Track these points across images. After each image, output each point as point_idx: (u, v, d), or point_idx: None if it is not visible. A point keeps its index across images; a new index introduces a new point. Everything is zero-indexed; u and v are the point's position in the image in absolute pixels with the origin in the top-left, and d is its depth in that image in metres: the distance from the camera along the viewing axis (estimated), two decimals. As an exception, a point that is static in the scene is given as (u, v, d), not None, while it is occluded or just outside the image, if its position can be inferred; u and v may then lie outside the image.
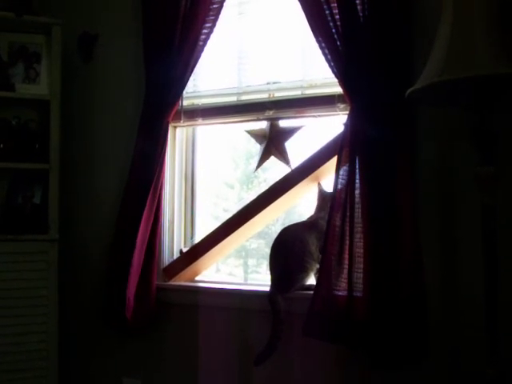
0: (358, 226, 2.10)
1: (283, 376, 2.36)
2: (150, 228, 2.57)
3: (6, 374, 2.53)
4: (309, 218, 2.40)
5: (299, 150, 2.51)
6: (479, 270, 1.80)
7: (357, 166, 2.12)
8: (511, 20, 1.66)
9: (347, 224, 2.12)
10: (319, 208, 2.36)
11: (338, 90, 2.29)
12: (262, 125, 2.58)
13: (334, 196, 2.15)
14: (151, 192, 2.53)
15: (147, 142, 2.59)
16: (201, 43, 2.54)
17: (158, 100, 2.60)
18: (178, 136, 2.79)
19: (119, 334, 2.71)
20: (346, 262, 2.10)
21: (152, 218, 2.56)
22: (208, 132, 2.87)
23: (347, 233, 2.11)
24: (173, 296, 2.63)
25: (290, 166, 2.48)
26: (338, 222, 2.13)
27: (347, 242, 2.11)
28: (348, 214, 2.12)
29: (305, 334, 2.16)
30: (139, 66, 2.70)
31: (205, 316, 2.56)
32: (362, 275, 2.07)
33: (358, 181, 2.11)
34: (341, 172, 2.15)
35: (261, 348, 2.21)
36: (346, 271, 2.10)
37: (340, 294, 2.11)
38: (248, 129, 2.63)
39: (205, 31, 2.53)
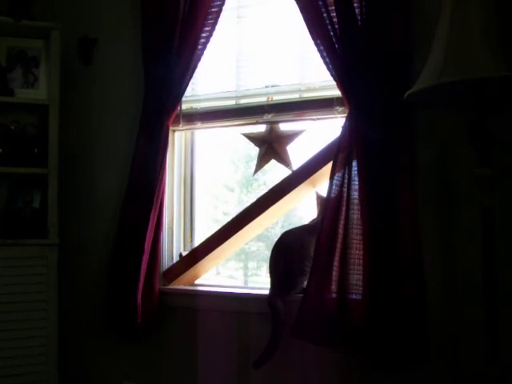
0: (357, 228, 2.11)
1: (283, 379, 2.35)
2: (152, 233, 2.56)
3: (5, 379, 2.52)
4: (311, 221, 2.40)
5: (297, 153, 2.51)
6: (479, 270, 1.80)
7: (355, 168, 2.13)
8: (509, 22, 1.67)
9: (341, 227, 2.12)
10: (321, 212, 2.36)
11: (336, 92, 2.30)
12: (261, 128, 2.59)
13: (331, 198, 2.15)
14: (155, 197, 2.53)
15: (147, 146, 2.59)
16: (200, 47, 2.55)
17: (158, 104, 2.60)
18: (176, 140, 2.79)
19: (123, 339, 2.70)
20: (338, 264, 2.11)
21: (155, 223, 2.56)
22: (207, 135, 2.87)
23: (341, 236, 2.12)
24: (172, 300, 2.63)
25: (291, 168, 2.49)
26: (331, 225, 2.13)
27: (339, 245, 2.11)
28: (343, 216, 2.12)
29: (295, 336, 2.16)
30: (138, 70, 2.70)
31: (204, 319, 2.55)
32: (361, 277, 2.08)
33: (356, 182, 2.12)
34: (338, 174, 2.15)
35: (260, 351, 2.21)
36: (337, 274, 2.11)
37: (332, 296, 2.11)
38: (246, 132, 2.63)
39: (204, 35, 2.54)
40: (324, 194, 2.35)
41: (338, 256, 2.12)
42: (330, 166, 2.26)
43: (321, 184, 2.43)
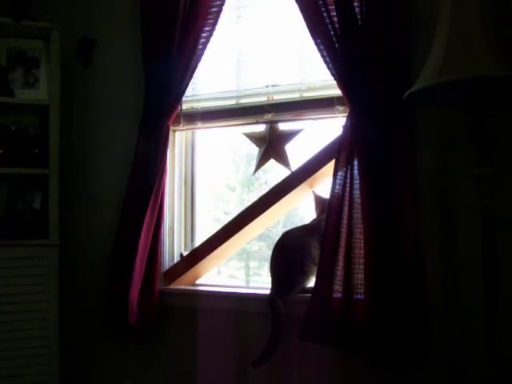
0: (360, 227, 2.10)
1: (283, 379, 2.35)
2: (152, 233, 2.56)
3: (7, 380, 2.52)
4: (311, 222, 2.40)
5: (299, 152, 2.51)
6: (480, 270, 1.80)
7: (356, 168, 2.12)
8: (508, 21, 1.66)
9: (344, 226, 2.12)
10: (320, 212, 2.36)
11: (336, 92, 2.29)
12: (261, 128, 2.58)
13: (333, 198, 2.15)
14: (153, 197, 2.52)
15: (147, 146, 2.59)
16: (200, 47, 2.54)
17: (158, 104, 2.59)
18: (177, 140, 2.79)
19: (122, 339, 2.70)
20: (342, 264, 2.10)
21: (154, 223, 2.55)
22: (207, 135, 2.86)
23: (344, 235, 2.11)
24: (173, 300, 2.63)
25: (289, 168, 2.49)
26: (334, 225, 2.13)
27: (343, 245, 2.11)
28: (346, 216, 2.12)
29: (302, 338, 2.15)
30: (138, 71, 2.69)
31: (205, 319, 2.55)
32: (363, 277, 2.07)
33: (357, 182, 2.12)
34: (339, 174, 2.15)
35: (260, 350, 2.21)
36: (342, 274, 2.10)
37: (337, 296, 2.11)
38: (247, 132, 2.63)
39: (204, 35, 2.53)
40: (321, 194, 2.36)
41: (342, 256, 2.11)
42: (329, 165, 2.26)
43: (319, 184, 2.43)
